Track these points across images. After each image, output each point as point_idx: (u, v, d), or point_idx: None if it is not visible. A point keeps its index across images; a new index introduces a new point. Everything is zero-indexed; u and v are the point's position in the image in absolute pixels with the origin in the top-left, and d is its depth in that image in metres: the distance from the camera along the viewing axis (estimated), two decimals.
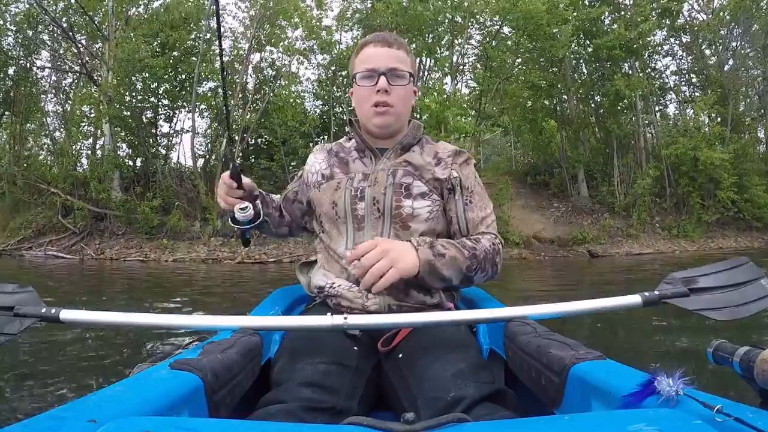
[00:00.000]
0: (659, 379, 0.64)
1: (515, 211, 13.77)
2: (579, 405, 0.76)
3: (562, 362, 0.81)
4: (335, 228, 1.18)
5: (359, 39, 15.09)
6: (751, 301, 0.96)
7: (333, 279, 1.16)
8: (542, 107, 15.91)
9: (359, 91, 1.20)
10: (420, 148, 1.24)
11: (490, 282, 1.18)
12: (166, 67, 13.70)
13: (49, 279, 7.84)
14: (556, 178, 15.88)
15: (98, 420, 0.56)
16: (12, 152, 15.27)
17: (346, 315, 0.92)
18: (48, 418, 0.55)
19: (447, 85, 14.88)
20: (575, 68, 16.00)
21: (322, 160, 1.26)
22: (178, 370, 0.75)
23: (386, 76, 1.16)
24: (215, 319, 0.98)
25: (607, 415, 0.62)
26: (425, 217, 1.15)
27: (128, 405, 0.62)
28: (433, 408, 0.82)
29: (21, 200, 13.67)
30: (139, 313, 0.97)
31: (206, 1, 14.56)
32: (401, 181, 1.16)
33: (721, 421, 0.55)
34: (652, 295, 0.97)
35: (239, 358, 0.86)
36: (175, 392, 0.69)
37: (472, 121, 13.98)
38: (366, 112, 1.20)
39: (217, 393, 0.77)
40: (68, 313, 0.94)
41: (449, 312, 1.07)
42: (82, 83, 15.54)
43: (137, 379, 0.73)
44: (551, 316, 1.00)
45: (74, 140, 14.75)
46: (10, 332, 0.94)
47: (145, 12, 15.05)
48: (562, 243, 13.13)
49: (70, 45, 14.90)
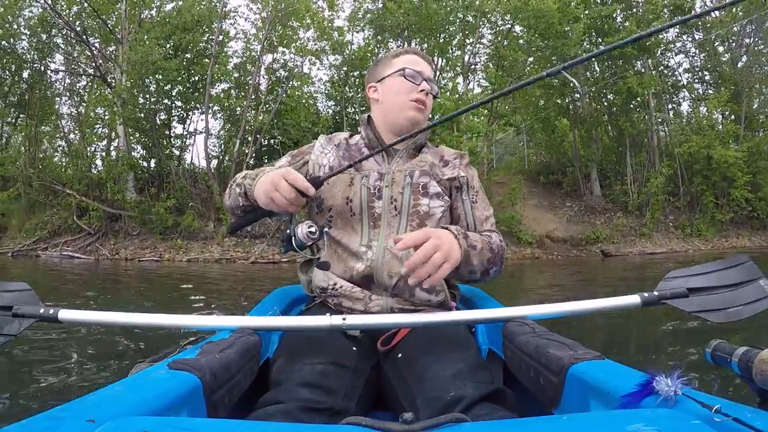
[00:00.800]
0: (658, 379, 0.64)
1: (528, 210, 13.71)
2: (577, 405, 0.76)
3: (561, 362, 0.80)
4: (349, 224, 1.19)
5: (370, 39, 15.19)
6: (750, 302, 0.95)
7: (335, 279, 1.17)
8: (554, 106, 15.83)
9: (401, 84, 1.25)
10: (428, 150, 1.30)
11: (505, 279, 1.20)
12: (179, 70, 13.80)
13: (65, 279, 7.92)
14: (568, 177, 15.79)
15: (97, 420, 0.55)
16: (27, 154, 15.41)
17: (345, 315, 0.93)
18: (46, 418, 0.55)
19: (459, 84, 14.87)
20: (587, 66, 15.91)
21: (329, 152, 1.27)
22: (176, 370, 0.75)
23: (429, 82, 1.27)
24: (214, 319, 0.98)
25: (605, 415, 0.62)
26: (439, 216, 1.19)
27: (127, 405, 0.62)
28: (432, 408, 0.82)
29: (37, 201, 13.81)
30: (137, 313, 0.96)
31: (218, 4, 14.66)
32: (419, 181, 1.20)
33: (719, 421, 0.55)
34: (651, 295, 0.97)
35: (238, 358, 0.86)
36: (173, 392, 0.69)
37: (484, 121, 13.96)
38: (402, 103, 1.25)
39: (215, 393, 0.77)
40: (67, 313, 0.94)
41: (448, 312, 1.08)
42: (96, 86, 15.69)
43: (136, 379, 0.72)
44: (550, 316, 1.00)
45: (89, 142, 14.88)
46: (9, 333, 0.93)
47: (158, 15, 15.17)
48: (575, 242, 13.05)
49: (84, 48, 15.04)
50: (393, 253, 1.14)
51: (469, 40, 14.64)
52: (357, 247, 1.16)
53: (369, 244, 1.16)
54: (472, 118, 13.07)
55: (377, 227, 1.17)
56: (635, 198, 14.51)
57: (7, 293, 0.98)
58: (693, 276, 1.00)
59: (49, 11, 14.13)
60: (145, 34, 13.59)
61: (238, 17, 16.91)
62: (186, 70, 14.27)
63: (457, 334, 1.04)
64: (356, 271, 1.14)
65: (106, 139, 15.41)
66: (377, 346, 1.05)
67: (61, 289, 6.35)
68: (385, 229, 1.17)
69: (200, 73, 14.22)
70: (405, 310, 1.14)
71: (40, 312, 0.94)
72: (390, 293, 1.14)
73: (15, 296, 0.98)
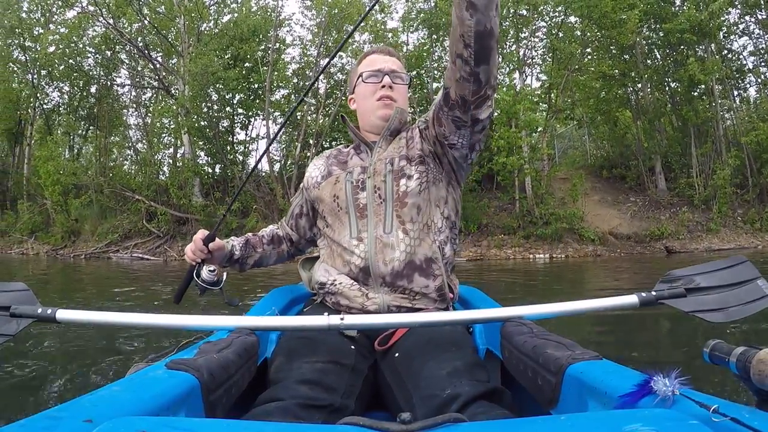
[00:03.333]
0: (655, 379, 0.64)
1: (591, 206, 13.32)
2: (575, 405, 0.76)
3: (559, 362, 0.80)
4: (338, 220, 1.24)
5: (426, 38, 15.23)
6: (747, 302, 0.95)
7: (335, 276, 1.20)
8: (615, 97, 15.32)
9: (365, 88, 1.32)
10: (406, 133, 1.31)
11: (561, 283, 1.18)
12: (238, 78, 14.27)
13: (136, 277, 8.28)
14: (632, 171, 15.15)
15: (94, 420, 0.55)
16: (98, 164, 16.36)
17: (343, 315, 0.93)
18: (44, 418, 0.55)
19: (516, 79, 14.71)
20: (647, 54, 15.36)
21: (320, 164, 1.35)
22: (174, 370, 0.75)
23: (390, 75, 1.30)
24: (212, 319, 0.97)
25: (603, 415, 0.62)
26: (417, 191, 1.21)
27: (124, 405, 0.62)
28: (429, 406, 0.83)
29: (108, 207, 14.60)
30: (135, 313, 0.96)
31: (272, 13, 15.06)
32: (399, 166, 1.23)
33: (717, 421, 0.55)
34: (649, 295, 0.96)
35: (236, 358, 0.86)
36: (171, 392, 0.69)
37: (543, 115, 13.76)
38: (371, 105, 1.31)
39: (213, 393, 0.77)
40: (64, 313, 0.94)
41: (446, 312, 1.08)
42: (161, 97, 16.45)
43: (133, 379, 0.72)
44: (547, 316, 0.99)
45: (155, 150, 15.64)
46: (8, 333, 0.93)
47: (215, 27, 15.75)
48: (639, 239, 12.57)
49: (147, 62, 15.77)
50: (384, 242, 1.17)
51: (523, 33, 14.43)
52: (348, 242, 1.20)
53: (359, 236, 1.19)
54: (530, 112, 12.89)
55: (364, 218, 1.21)
56: (701, 191, 13.91)
57: (5, 293, 0.98)
58: (691, 276, 1.00)
59: (112, 30, 14.81)
60: (203, 46, 14.06)
61: (293, 24, 17.29)
62: (245, 78, 14.73)
63: (454, 333, 1.03)
64: (353, 265, 1.18)
65: (172, 147, 16.11)
66: (375, 345, 1.06)
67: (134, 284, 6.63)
68: (372, 218, 1.20)
69: (258, 81, 14.63)
70: (402, 308, 1.15)
71: (38, 312, 0.94)
72: (387, 283, 1.15)
73: (13, 296, 0.98)
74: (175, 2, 14.54)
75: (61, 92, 17.98)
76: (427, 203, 1.21)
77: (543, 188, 12.94)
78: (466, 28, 0.96)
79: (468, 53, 0.99)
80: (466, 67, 1.01)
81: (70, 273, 9.66)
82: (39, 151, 15.61)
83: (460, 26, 0.96)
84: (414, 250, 1.16)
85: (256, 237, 1.47)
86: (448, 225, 1.24)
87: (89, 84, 17.39)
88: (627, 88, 15.17)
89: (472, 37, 0.96)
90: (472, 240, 12.27)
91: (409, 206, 1.19)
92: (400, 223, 1.18)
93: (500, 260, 11.19)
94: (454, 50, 1.01)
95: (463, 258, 11.33)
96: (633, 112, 15.43)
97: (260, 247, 1.45)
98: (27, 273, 9.32)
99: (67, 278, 8.75)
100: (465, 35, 0.97)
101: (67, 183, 14.42)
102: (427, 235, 1.19)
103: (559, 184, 13.84)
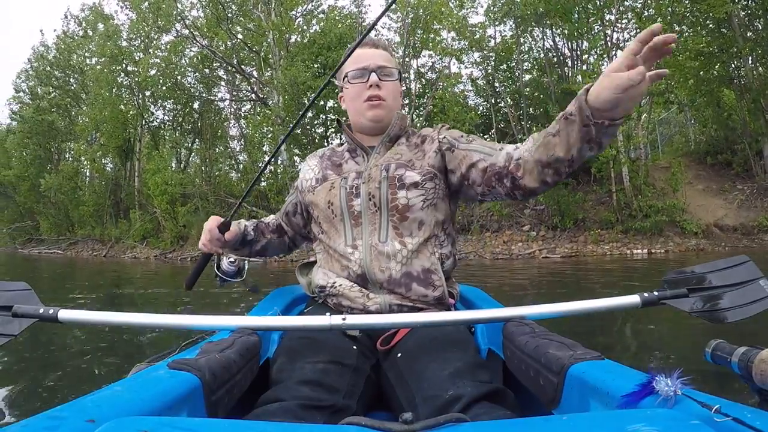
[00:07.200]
0: (658, 379, 0.64)
1: (695, 196, 12.32)
2: (577, 405, 0.75)
3: (561, 362, 0.79)
4: (333, 227, 1.21)
5: (514, 30, 15.00)
6: (750, 302, 0.94)
7: (334, 278, 1.18)
8: (716, 76, 13.92)
9: (352, 89, 1.26)
10: (406, 139, 1.26)
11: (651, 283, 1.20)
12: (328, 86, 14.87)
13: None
14: (739, 156, 13.68)
15: (97, 420, 0.56)
16: (203, 173, 17.70)
17: (345, 315, 0.93)
18: (46, 418, 0.55)
19: (605, 65, 14.02)
20: (747, 26, 13.81)
21: (314, 165, 1.31)
22: (176, 370, 0.76)
23: (376, 72, 1.23)
24: (214, 319, 0.97)
25: (605, 415, 0.61)
26: (420, 206, 1.16)
27: (127, 405, 0.62)
28: (431, 406, 0.82)
29: (213, 213, 15.89)
30: (137, 313, 0.96)
31: (355, 21, 15.61)
32: (395, 173, 1.17)
33: (719, 421, 0.55)
34: (651, 295, 0.95)
35: (238, 358, 0.86)
36: (173, 392, 0.69)
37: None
38: (359, 107, 1.25)
39: (215, 393, 0.77)
40: (67, 313, 0.94)
41: (448, 312, 1.08)
42: (258, 108, 17.46)
43: (135, 379, 0.73)
44: (549, 316, 0.98)
45: (255, 159, 16.81)
46: (11, 333, 0.93)
47: (302, 38, 16.48)
48: (746, 231, 11.37)
49: (243, 77, 17.05)
50: (379, 250, 1.14)
51: (611, 15, 13.68)
52: (343, 249, 1.17)
53: (354, 244, 1.16)
54: None
55: (359, 225, 1.17)
56: None
57: (7, 293, 0.98)
58: (693, 276, 0.99)
59: (206, 50, 16.03)
60: (291, 57, 14.69)
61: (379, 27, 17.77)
62: (335, 86, 15.32)
63: (456, 333, 1.02)
64: (351, 270, 1.16)
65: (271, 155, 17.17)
66: (377, 345, 1.05)
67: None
68: (367, 226, 1.17)
69: None
70: (403, 307, 1.13)
71: (40, 312, 0.94)
72: (386, 289, 1.13)
73: (15, 296, 0.98)
74: (263, 18, 15.27)
75: (165, 110, 19.63)
76: (431, 218, 1.19)
77: (641, 179, 12.15)
78: (581, 157, 0.97)
79: (565, 169, 1.01)
80: (556, 177, 1.02)
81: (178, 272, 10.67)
82: (148, 164, 16.91)
83: (577, 156, 0.97)
84: (411, 262, 1.14)
85: (263, 223, 1.47)
86: (449, 239, 1.23)
87: (191, 100, 18.73)
88: (728, 64, 13.77)
89: (580, 162, 1.00)
90: (568, 236, 11.80)
91: (410, 220, 1.16)
92: (397, 234, 1.16)
93: (596, 257, 10.60)
94: (552, 160, 0.99)
95: (557, 255, 10.97)
96: (736, 91, 13.98)
97: (268, 234, 1.45)
98: (136, 274, 10.36)
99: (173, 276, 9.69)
100: (575, 161, 0.98)
101: (174, 192, 15.41)
102: (425, 247, 1.16)
103: (660, 174, 12.87)
